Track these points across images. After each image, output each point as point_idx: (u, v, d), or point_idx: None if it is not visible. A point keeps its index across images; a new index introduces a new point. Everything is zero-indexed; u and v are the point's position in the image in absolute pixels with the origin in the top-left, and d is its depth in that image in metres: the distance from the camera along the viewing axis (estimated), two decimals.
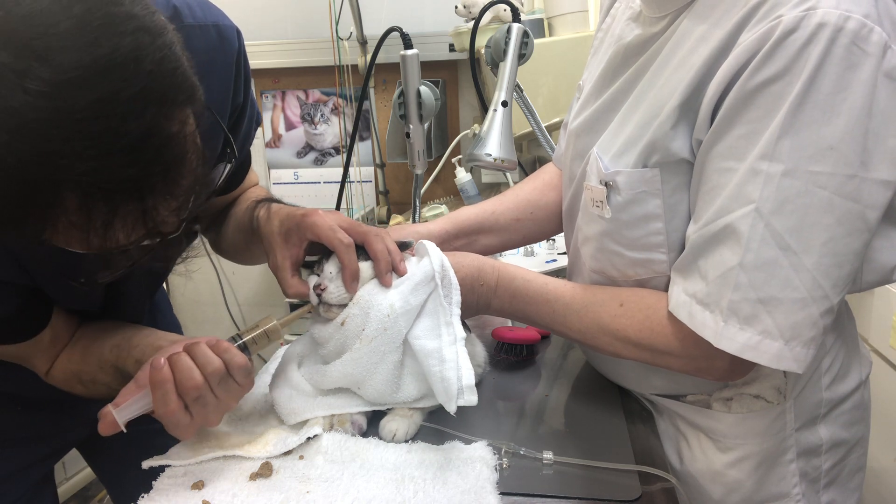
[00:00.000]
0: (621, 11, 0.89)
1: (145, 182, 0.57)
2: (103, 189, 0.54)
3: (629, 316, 0.80)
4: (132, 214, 0.58)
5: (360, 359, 0.81)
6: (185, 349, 0.74)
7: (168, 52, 0.56)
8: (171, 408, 0.72)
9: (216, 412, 0.76)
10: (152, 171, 0.56)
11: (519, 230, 1.09)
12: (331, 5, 2.33)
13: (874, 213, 0.65)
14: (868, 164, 0.63)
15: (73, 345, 0.87)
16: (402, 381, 0.84)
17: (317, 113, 2.66)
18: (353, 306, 0.82)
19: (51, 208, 0.54)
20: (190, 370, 0.72)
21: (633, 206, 0.77)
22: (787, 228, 0.65)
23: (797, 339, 0.67)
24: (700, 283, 0.72)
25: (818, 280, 0.65)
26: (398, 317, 0.81)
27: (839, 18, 0.61)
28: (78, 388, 0.88)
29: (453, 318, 0.84)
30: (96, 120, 0.52)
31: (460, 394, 0.77)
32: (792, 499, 0.83)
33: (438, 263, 0.84)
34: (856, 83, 0.62)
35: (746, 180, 0.66)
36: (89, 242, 0.58)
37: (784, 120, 0.63)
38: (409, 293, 0.82)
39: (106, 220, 0.57)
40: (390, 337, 0.81)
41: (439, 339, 0.82)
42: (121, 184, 0.55)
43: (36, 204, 0.54)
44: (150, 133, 0.55)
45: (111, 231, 0.58)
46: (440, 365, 0.80)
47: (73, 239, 0.58)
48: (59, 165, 0.52)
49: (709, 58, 0.69)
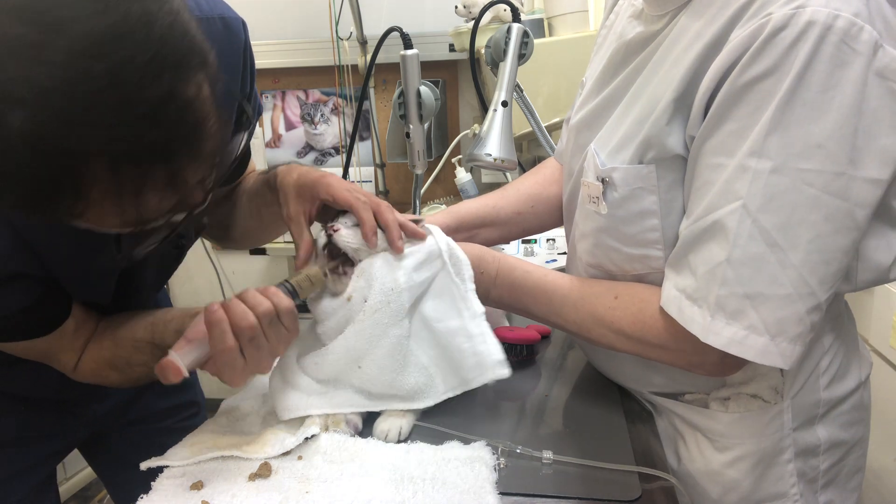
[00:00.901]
0: (624, 9, 0.90)
1: (170, 146, 0.57)
2: (130, 155, 0.55)
3: (623, 308, 0.81)
4: (161, 180, 0.59)
5: (362, 330, 0.82)
6: (234, 296, 0.75)
7: (177, 17, 0.57)
8: (230, 345, 0.72)
9: (269, 356, 0.77)
10: (175, 135, 0.57)
11: (520, 223, 1.10)
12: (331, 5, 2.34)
13: (863, 211, 0.65)
14: (857, 163, 0.63)
15: (100, 334, 0.87)
16: (405, 365, 0.84)
17: (317, 113, 2.66)
18: (358, 279, 0.83)
19: (82, 179, 0.55)
20: (244, 311, 0.73)
21: (629, 203, 0.77)
22: (774, 225, 0.65)
23: (783, 334, 0.67)
24: (690, 278, 0.72)
25: (805, 277, 0.66)
26: (402, 291, 0.82)
27: (828, 17, 0.61)
28: (111, 377, 0.87)
29: (468, 293, 0.86)
30: (114, 87, 0.52)
31: (492, 368, 0.81)
32: (789, 499, 0.83)
33: (444, 242, 0.86)
34: (845, 81, 0.62)
35: (735, 176, 0.66)
36: (123, 213, 0.59)
37: (772, 117, 0.63)
38: (413, 270, 0.84)
39: (137, 186, 0.57)
40: (393, 310, 0.82)
41: (460, 317, 0.85)
42: (146, 149, 0.55)
43: (67, 176, 0.54)
44: (168, 97, 0.55)
45: (143, 199, 0.58)
46: (469, 341, 0.83)
47: (107, 211, 0.58)
48: (83, 135, 0.52)
49: (701, 54, 0.70)
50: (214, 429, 0.87)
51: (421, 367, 0.85)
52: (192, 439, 0.83)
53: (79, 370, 0.87)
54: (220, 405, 0.95)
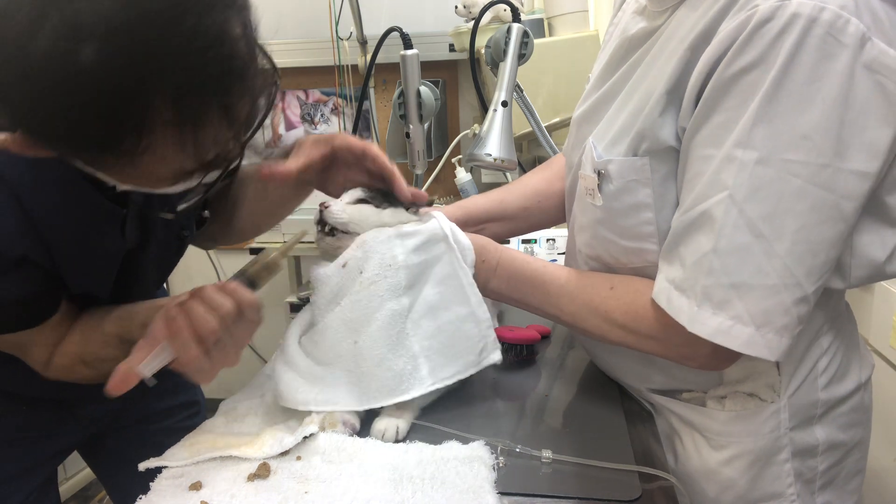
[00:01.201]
0: (629, 5, 0.90)
1: (224, 80, 0.60)
2: (190, 87, 0.58)
3: (617, 298, 0.81)
4: (217, 113, 0.62)
5: (358, 301, 0.83)
6: (193, 295, 0.74)
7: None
8: (193, 354, 0.72)
9: (235, 351, 0.77)
10: (230, 68, 0.60)
11: (527, 218, 1.11)
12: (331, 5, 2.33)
13: (850, 203, 0.66)
14: (843, 155, 0.64)
15: (72, 330, 0.87)
16: (397, 343, 0.84)
17: (317, 113, 2.66)
18: (356, 249, 0.85)
19: (146, 111, 0.57)
20: (204, 317, 0.72)
21: (624, 195, 0.78)
22: (759, 215, 0.65)
23: (768, 325, 0.67)
24: (679, 268, 0.72)
25: (790, 267, 0.66)
26: (399, 268, 0.84)
27: (813, 9, 0.61)
28: (83, 372, 0.87)
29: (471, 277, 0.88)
30: (175, 24, 0.56)
31: (492, 353, 0.88)
32: (786, 499, 0.83)
33: (448, 227, 0.88)
34: (831, 73, 0.62)
35: (722, 167, 0.67)
36: (183, 149, 0.61)
37: (758, 108, 0.64)
38: (413, 250, 0.85)
39: (196, 117, 0.60)
40: (390, 285, 0.83)
41: (468, 303, 0.88)
42: (204, 81, 0.59)
43: (133, 109, 0.56)
44: (222, 32, 0.59)
45: (201, 133, 0.61)
46: (477, 326, 0.87)
47: (168, 146, 0.60)
48: (148, 69, 0.55)
49: (692, 45, 0.70)
50: (213, 429, 0.87)
51: (410, 354, 0.85)
52: (190, 440, 0.83)
53: (50, 366, 0.86)
54: (219, 406, 0.95)
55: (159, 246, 0.95)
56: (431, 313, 0.86)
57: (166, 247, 0.99)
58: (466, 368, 0.88)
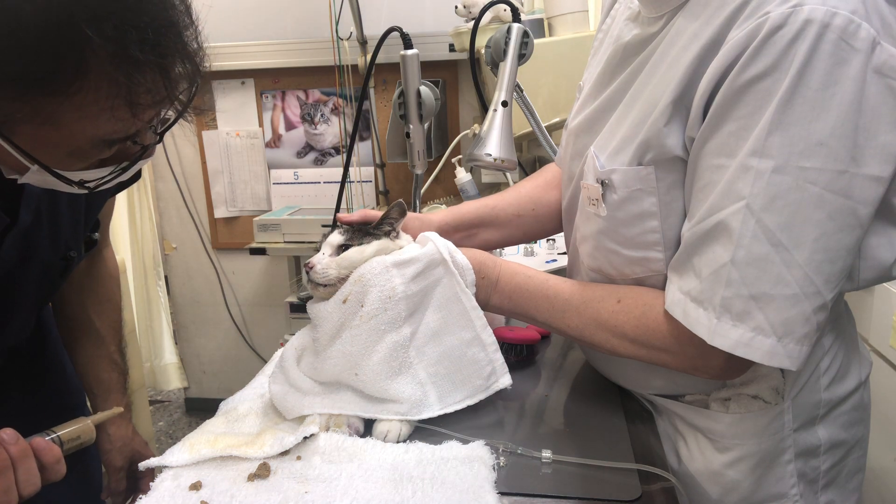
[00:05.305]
0: (620, 12, 0.89)
1: (161, 27, 0.62)
2: (127, 26, 0.60)
3: (626, 312, 0.80)
4: (153, 69, 0.63)
5: (358, 336, 0.82)
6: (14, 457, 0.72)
7: None
8: None
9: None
10: (167, 18, 0.63)
11: (519, 226, 1.09)
12: (331, 5, 2.34)
13: (866, 208, 0.65)
14: (859, 160, 0.63)
15: None
16: (399, 372, 0.84)
17: (317, 113, 2.66)
18: (354, 284, 0.83)
19: (83, 44, 0.59)
20: (8, 489, 0.71)
21: (629, 204, 0.77)
22: (777, 224, 0.65)
23: (790, 335, 0.67)
24: (694, 280, 0.72)
25: (810, 276, 0.65)
26: (399, 300, 0.83)
27: (826, 15, 0.61)
28: None
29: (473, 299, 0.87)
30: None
31: (502, 377, 0.87)
32: (790, 499, 0.82)
33: (445, 249, 0.86)
34: (844, 79, 0.62)
35: (737, 177, 0.66)
36: (116, 95, 0.62)
37: (773, 116, 0.63)
38: (412, 279, 0.84)
39: (133, 67, 0.61)
40: (390, 318, 0.83)
41: (472, 327, 0.86)
42: (141, 18, 0.61)
43: (68, 37, 0.58)
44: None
45: (135, 83, 0.62)
46: (484, 350, 0.85)
47: (102, 92, 0.61)
48: (87, 7, 0.58)
49: (699, 55, 0.69)
50: (213, 429, 0.86)
51: (417, 381, 0.84)
52: (190, 440, 0.83)
53: None
54: (219, 406, 0.95)
55: (42, 266, 0.90)
56: (435, 339, 0.85)
57: (49, 266, 0.94)
58: (475, 394, 0.87)
